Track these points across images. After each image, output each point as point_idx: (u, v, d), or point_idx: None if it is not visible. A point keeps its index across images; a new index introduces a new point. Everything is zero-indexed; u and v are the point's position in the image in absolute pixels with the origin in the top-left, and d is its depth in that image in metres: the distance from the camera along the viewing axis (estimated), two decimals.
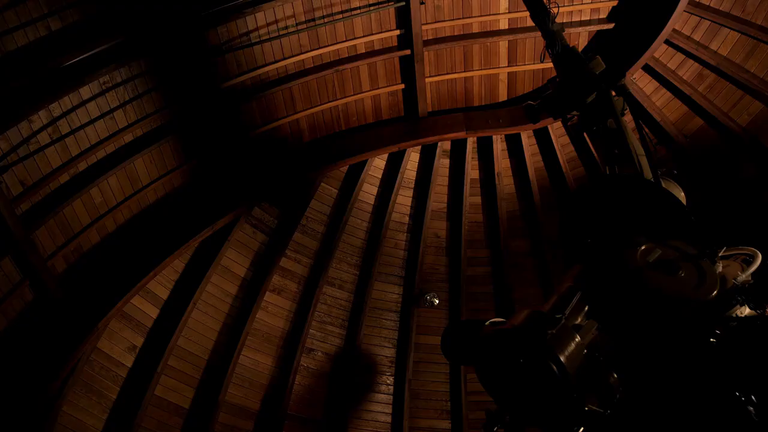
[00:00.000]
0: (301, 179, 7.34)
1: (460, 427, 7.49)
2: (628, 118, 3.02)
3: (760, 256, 2.26)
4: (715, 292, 1.82)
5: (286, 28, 6.45)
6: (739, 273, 2.14)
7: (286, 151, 7.30)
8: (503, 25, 7.09)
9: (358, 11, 6.63)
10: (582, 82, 2.79)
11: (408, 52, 7.04)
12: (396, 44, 7.06)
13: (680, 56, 6.93)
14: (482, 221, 8.03)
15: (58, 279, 5.96)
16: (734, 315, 1.96)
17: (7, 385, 5.46)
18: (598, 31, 7.17)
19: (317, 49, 6.74)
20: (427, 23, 6.89)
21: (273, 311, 7.40)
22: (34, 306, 5.82)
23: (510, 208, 7.95)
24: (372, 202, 7.91)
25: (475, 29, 7.10)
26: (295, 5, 6.37)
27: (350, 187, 7.73)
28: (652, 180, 2.54)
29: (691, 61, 6.89)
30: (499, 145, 7.76)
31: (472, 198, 7.98)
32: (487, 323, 3.19)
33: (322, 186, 7.65)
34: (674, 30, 6.71)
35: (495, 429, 1.60)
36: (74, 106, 5.54)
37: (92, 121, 5.74)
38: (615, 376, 1.66)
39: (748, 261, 2.27)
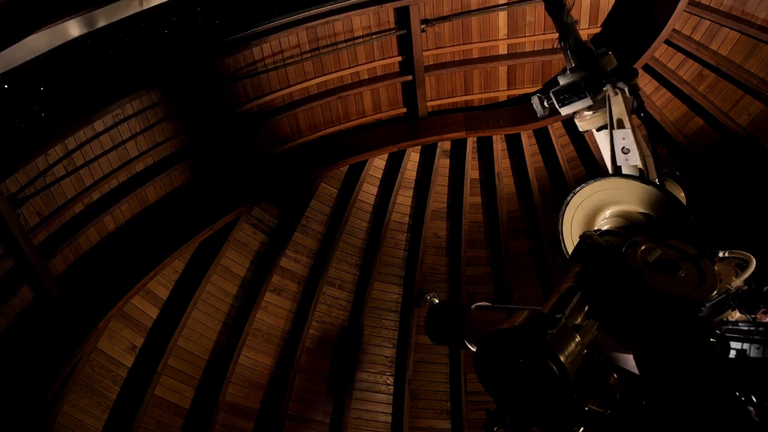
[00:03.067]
0: (301, 179, 7.35)
1: (460, 427, 7.49)
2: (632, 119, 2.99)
3: (754, 261, 2.24)
4: (715, 292, 1.82)
5: (292, 57, 6.67)
6: (733, 278, 2.13)
7: (286, 151, 7.31)
8: (502, 50, 7.26)
9: (361, 40, 6.84)
10: (593, 77, 2.72)
11: (410, 77, 7.22)
12: (398, 70, 7.27)
13: (680, 56, 6.93)
14: (482, 221, 8.04)
15: (57, 279, 5.96)
16: (725, 320, 1.96)
17: (7, 385, 5.46)
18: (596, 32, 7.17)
19: (321, 76, 6.94)
20: (428, 49, 7.07)
21: (273, 311, 7.40)
22: (34, 306, 5.82)
23: (510, 208, 7.95)
24: (372, 202, 7.91)
25: (475, 54, 7.29)
26: (300, 36, 6.58)
27: (350, 187, 7.73)
28: (657, 181, 2.52)
29: (691, 61, 6.90)
30: (499, 145, 7.77)
31: (472, 198, 7.98)
32: (472, 307, 3.20)
33: (322, 186, 7.66)
34: (674, 30, 6.71)
35: (495, 429, 1.60)
36: (88, 138, 5.75)
37: (105, 153, 5.97)
38: (615, 376, 1.66)
39: (742, 266, 2.24)
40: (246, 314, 7.14)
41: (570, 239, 2.71)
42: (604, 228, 2.48)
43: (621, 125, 2.71)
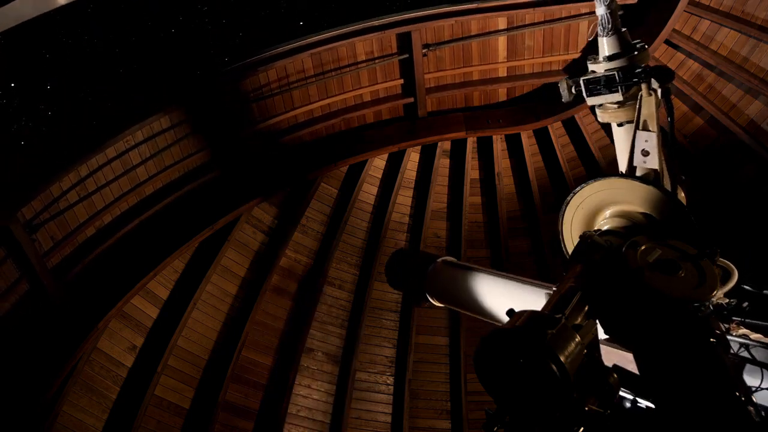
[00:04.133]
0: (301, 179, 7.35)
1: (460, 427, 7.49)
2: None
3: (737, 274, 2.18)
4: (715, 292, 1.82)
5: (297, 81, 6.87)
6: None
7: (286, 152, 7.31)
8: (502, 72, 7.46)
9: (365, 64, 7.03)
10: (630, 72, 2.59)
11: (411, 99, 7.37)
12: (400, 92, 7.44)
13: (680, 56, 6.94)
14: (482, 221, 8.04)
15: (57, 279, 5.97)
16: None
17: (7, 385, 5.46)
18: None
19: (325, 98, 7.11)
20: (429, 72, 7.24)
21: (273, 311, 7.40)
22: (34, 306, 5.83)
23: (510, 208, 7.95)
24: (372, 202, 7.91)
25: (476, 77, 7.48)
26: (305, 61, 6.76)
27: (350, 187, 7.73)
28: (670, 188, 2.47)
29: (691, 61, 6.90)
30: (499, 145, 7.77)
31: (472, 198, 7.98)
32: (438, 260, 3.19)
33: (322, 186, 7.65)
34: (674, 30, 6.71)
35: (495, 429, 1.60)
36: (100, 165, 5.93)
37: (116, 178, 6.09)
38: (615, 376, 1.66)
39: (725, 277, 2.16)
40: (246, 314, 7.14)
41: (570, 239, 2.71)
42: (605, 228, 2.48)
43: (646, 127, 2.61)
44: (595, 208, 2.58)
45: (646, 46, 2.77)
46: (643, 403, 1.82)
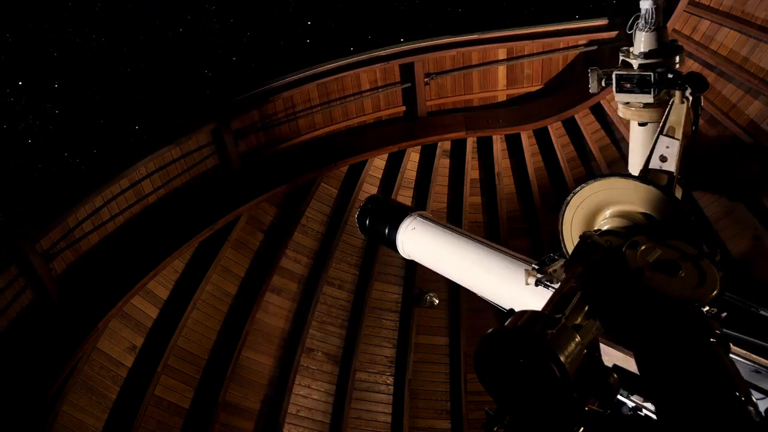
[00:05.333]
0: (301, 179, 7.35)
1: (460, 427, 7.49)
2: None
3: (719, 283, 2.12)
4: (716, 292, 1.82)
5: (303, 110, 7.15)
6: None
7: (286, 152, 7.31)
8: (501, 98, 7.72)
9: (369, 93, 7.32)
10: (665, 76, 2.49)
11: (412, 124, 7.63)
12: (402, 116, 7.69)
13: None
14: (482, 221, 8.04)
15: (57, 279, 5.97)
16: None
17: (7, 385, 5.46)
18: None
19: (330, 125, 7.39)
20: (431, 99, 7.52)
21: (273, 311, 7.40)
22: (34, 306, 5.83)
23: (510, 208, 7.95)
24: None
25: (476, 103, 7.76)
26: (311, 91, 7.05)
27: (350, 187, 7.73)
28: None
29: (691, 61, 6.89)
30: (499, 145, 7.77)
31: (472, 198, 7.98)
32: (415, 213, 3.13)
33: (322, 186, 7.65)
34: (674, 30, 6.71)
35: (495, 429, 1.60)
36: (114, 196, 6.22)
37: (128, 207, 6.39)
38: (615, 376, 1.66)
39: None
40: (246, 314, 7.13)
41: (570, 239, 2.70)
42: (605, 228, 2.48)
43: (671, 133, 2.50)
44: (595, 208, 2.57)
45: (682, 48, 2.65)
46: (644, 411, 1.82)
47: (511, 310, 1.81)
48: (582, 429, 1.54)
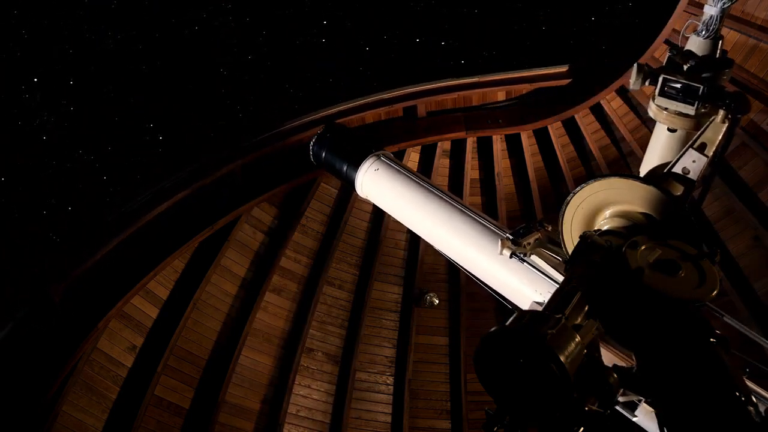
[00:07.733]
0: (300, 179, 7.35)
1: (460, 427, 7.49)
2: None
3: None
4: (716, 292, 1.82)
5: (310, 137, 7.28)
6: None
7: (286, 151, 7.31)
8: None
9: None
10: (714, 92, 2.34)
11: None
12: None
13: None
14: None
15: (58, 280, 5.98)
16: None
17: (7, 385, 5.46)
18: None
19: None
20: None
21: (273, 311, 7.40)
22: (34, 306, 5.83)
23: (510, 208, 7.95)
24: (372, 202, 7.91)
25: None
26: (318, 130, 7.30)
27: (350, 186, 7.71)
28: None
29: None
30: (499, 145, 7.77)
31: (472, 198, 7.98)
32: (379, 153, 3.03)
33: (322, 186, 7.65)
34: (674, 30, 6.71)
35: (495, 429, 1.60)
36: None
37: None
38: (615, 376, 1.66)
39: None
40: (246, 314, 7.13)
41: (570, 239, 2.70)
42: (605, 228, 2.47)
43: (701, 149, 2.42)
44: (595, 208, 2.57)
45: (733, 61, 2.55)
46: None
47: (511, 310, 1.81)
48: (582, 429, 1.54)
